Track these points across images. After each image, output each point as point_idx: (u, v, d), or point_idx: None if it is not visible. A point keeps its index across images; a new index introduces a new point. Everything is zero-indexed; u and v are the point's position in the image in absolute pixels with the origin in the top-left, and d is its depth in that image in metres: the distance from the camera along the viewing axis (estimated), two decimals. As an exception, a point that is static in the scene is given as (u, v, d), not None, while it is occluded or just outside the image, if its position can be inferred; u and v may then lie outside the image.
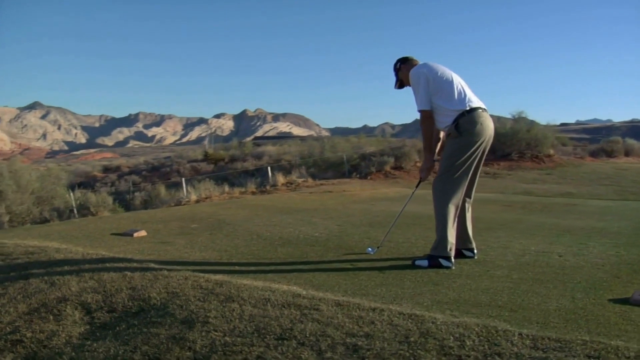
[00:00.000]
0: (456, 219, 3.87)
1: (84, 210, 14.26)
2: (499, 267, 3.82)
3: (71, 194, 14.69)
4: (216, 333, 2.45)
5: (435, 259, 3.80)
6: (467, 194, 4.10)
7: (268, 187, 15.43)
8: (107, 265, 3.75)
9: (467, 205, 4.11)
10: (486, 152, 4.02)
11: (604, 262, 3.94)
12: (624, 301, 2.92)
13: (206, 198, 13.68)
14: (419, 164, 17.40)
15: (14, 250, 4.21)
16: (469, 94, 3.89)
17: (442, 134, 4.10)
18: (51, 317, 2.92)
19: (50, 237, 4.95)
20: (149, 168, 38.78)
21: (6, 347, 2.63)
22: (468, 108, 3.79)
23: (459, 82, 3.92)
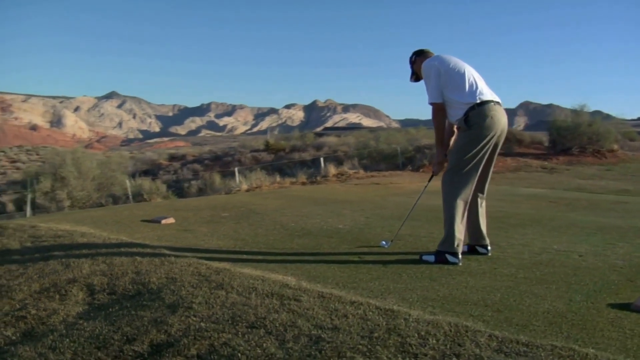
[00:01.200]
0: (465, 215, 3.78)
1: (138, 197, 14.90)
2: (508, 265, 3.71)
3: (128, 181, 15.35)
4: (194, 318, 2.55)
5: (442, 254, 3.73)
6: (480, 189, 4.00)
7: (318, 178, 15.50)
8: (122, 250, 3.94)
9: (479, 200, 4.01)
10: (499, 147, 3.90)
11: (624, 265, 3.74)
12: (624, 306, 2.77)
13: (256, 187, 13.92)
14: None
15: (45, 233, 4.50)
16: (482, 86, 3.78)
17: (455, 128, 4.01)
18: (57, 296, 3.13)
19: (83, 222, 5.24)
20: (211, 157, 39.81)
21: (11, 322, 2.84)
22: (478, 101, 3.68)
23: (471, 74, 3.81)
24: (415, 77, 4.20)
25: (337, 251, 4.20)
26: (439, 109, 3.87)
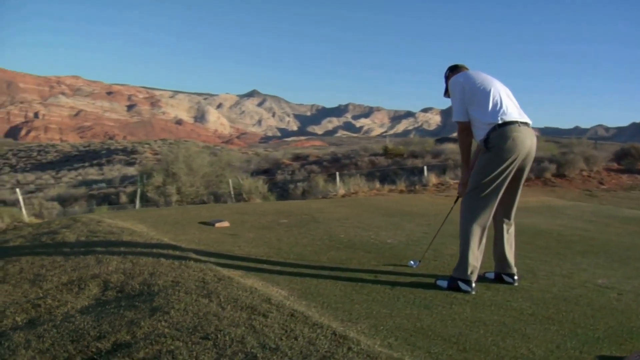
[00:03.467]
0: (483, 241, 3.57)
1: (240, 196, 15.65)
2: (527, 298, 3.45)
3: (230, 180, 16.19)
4: (163, 324, 2.72)
5: (455, 281, 3.57)
6: (505, 215, 3.77)
7: (418, 187, 15.19)
8: (155, 250, 4.26)
9: (505, 226, 3.77)
10: (525, 171, 3.65)
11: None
12: (616, 360, 2.49)
13: (353, 193, 13.99)
14: (584, 172, 15.57)
15: (102, 229, 4.98)
16: (507, 105, 3.55)
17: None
18: (76, 290, 3.48)
19: (145, 221, 5.70)
20: (330, 159, 40.54)
21: (27, 308, 3.23)
22: (500, 121, 3.47)
23: (497, 92, 3.59)
24: (448, 92, 4.05)
25: (360, 267, 4.16)
26: (464, 128, 3.71)
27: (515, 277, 3.79)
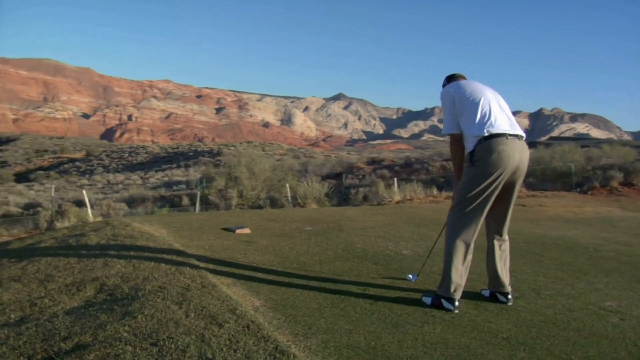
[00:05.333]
0: (468, 258, 3.44)
1: (295, 200, 15.82)
2: (509, 320, 3.28)
3: (287, 185, 16.41)
4: (125, 328, 2.86)
5: (438, 298, 3.46)
6: (498, 232, 3.62)
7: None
8: (159, 255, 4.45)
9: (496, 243, 3.62)
10: (516, 186, 3.48)
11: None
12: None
13: (408, 200, 13.78)
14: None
15: (125, 233, 5.26)
16: (496, 117, 3.40)
17: None
18: (74, 291, 3.71)
19: (170, 226, 5.94)
20: (402, 163, 40.05)
21: (24, 306, 3.48)
22: (486, 134, 3.33)
23: (487, 103, 3.45)
24: None
25: (356, 280, 4.14)
26: (454, 141, 3.61)
27: (509, 297, 3.61)
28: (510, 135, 3.37)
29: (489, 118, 3.39)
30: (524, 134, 3.49)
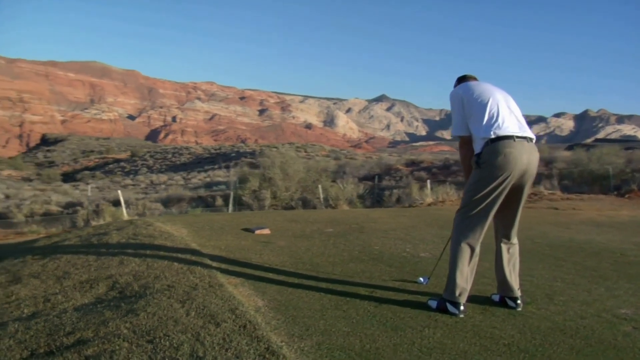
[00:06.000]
0: (474, 262, 3.37)
1: (327, 201, 15.81)
2: (515, 326, 3.19)
3: (320, 186, 16.42)
4: (126, 325, 2.94)
5: (443, 302, 3.41)
6: (506, 235, 3.53)
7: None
8: (174, 255, 4.54)
9: (504, 247, 3.54)
10: (524, 188, 3.39)
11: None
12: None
13: (440, 202, 13.59)
14: None
15: (145, 232, 5.38)
16: (504, 119, 3.33)
17: None
18: (87, 288, 3.83)
19: (192, 225, 6.04)
20: (440, 165, 39.50)
21: (39, 302, 3.62)
22: (493, 136, 3.27)
23: (495, 104, 3.38)
24: None
25: (366, 282, 4.11)
26: (463, 143, 3.57)
27: (519, 302, 3.53)
28: (518, 137, 3.29)
29: (497, 120, 3.32)
30: (533, 136, 3.40)
